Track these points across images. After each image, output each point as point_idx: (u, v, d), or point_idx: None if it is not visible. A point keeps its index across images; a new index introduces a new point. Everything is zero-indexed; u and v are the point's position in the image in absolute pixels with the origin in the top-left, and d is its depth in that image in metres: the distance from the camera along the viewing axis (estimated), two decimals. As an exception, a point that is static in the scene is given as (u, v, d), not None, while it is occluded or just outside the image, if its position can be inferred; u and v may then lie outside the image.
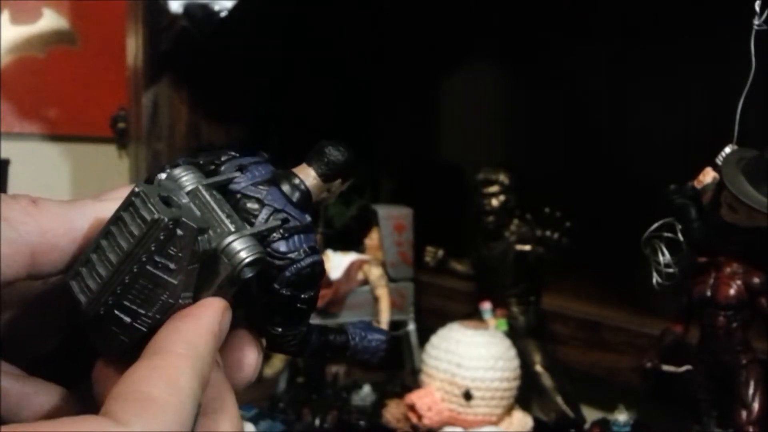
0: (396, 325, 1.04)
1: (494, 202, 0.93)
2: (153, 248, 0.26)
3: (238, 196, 0.29)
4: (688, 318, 0.70)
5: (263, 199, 0.29)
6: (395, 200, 1.14)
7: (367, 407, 0.93)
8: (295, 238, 0.29)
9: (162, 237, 0.26)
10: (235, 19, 1.17)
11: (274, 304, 0.29)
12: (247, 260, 0.27)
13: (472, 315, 0.96)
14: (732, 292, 0.64)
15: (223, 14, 1.15)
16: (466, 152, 1.16)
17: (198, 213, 0.27)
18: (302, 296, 0.30)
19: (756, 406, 0.63)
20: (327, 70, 1.32)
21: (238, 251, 0.27)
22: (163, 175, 0.29)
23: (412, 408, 0.84)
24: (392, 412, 0.87)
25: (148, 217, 0.26)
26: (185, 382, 0.25)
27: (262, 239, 0.28)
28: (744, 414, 0.63)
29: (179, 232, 0.26)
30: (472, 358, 0.83)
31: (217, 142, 1.28)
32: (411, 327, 1.06)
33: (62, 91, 1.79)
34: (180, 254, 0.26)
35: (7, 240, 0.26)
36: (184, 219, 0.26)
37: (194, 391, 0.25)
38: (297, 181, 0.30)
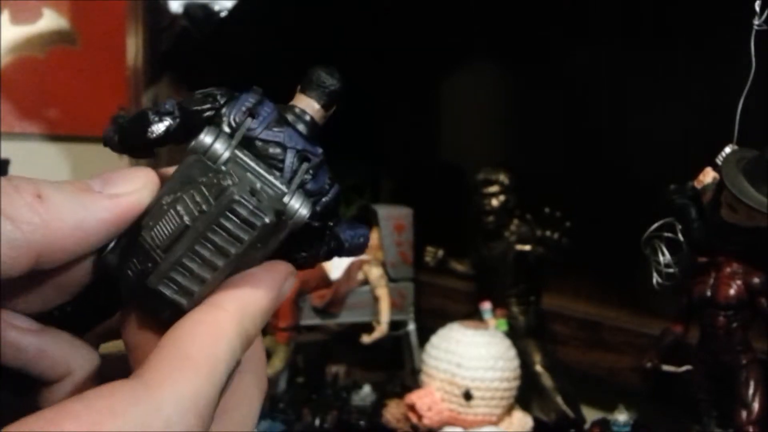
0: (396, 325, 1.04)
1: (494, 202, 0.93)
2: (255, 243, 0.27)
3: (258, 143, 0.28)
4: (688, 318, 0.70)
5: (284, 143, 0.29)
6: (395, 200, 1.14)
7: (367, 407, 0.93)
8: (319, 174, 0.29)
9: (265, 232, 0.27)
10: (235, 19, 1.17)
11: (302, 235, 0.29)
12: (308, 215, 0.28)
13: (472, 315, 0.96)
14: (732, 292, 0.64)
15: (223, 14, 1.16)
16: (466, 152, 1.16)
17: (272, 192, 0.27)
18: (329, 224, 0.30)
19: (756, 406, 0.63)
20: (327, 70, 1.31)
21: (297, 209, 0.28)
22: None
23: (412, 408, 0.84)
24: (392, 412, 0.87)
25: (258, 222, 0.26)
26: (226, 340, 0.25)
27: (301, 185, 0.29)
28: (744, 414, 0.63)
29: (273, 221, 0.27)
30: (472, 358, 0.83)
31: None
32: (411, 327, 1.06)
33: (62, 91, 1.79)
34: (268, 236, 0.27)
35: (10, 241, 0.24)
36: (277, 209, 0.27)
37: (234, 350, 0.25)
38: (302, 113, 0.30)
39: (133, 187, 0.27)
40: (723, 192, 0.61)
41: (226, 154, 0.27)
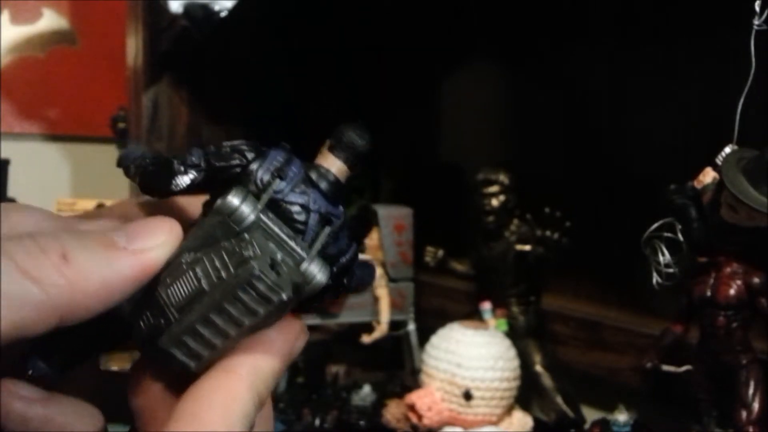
0: (396, 325, 1.04)
1: (494, 202, 0.93)
2: (271, 314, 0.27)
3: (283, 205, 0.28)
4: (688, 318, 0.70)
5: (308, 206, 0.28)
6: (395, 200, 1.14)
7: (367, 407, 0.93)
8: (340, 236, 0.29)
9: (282, 306, 0.26)
10: (235, 19, 1.17)
11: (317, 293, 0.29)
12: (325, 281, 0.28)
13: (472, 315, 0.96)
14: (732, 292, 0.64)
15: (223, 14, 1.16)
16: (466, 152, 1.16)
17: (292, 263, 0.27)
18: (344, 281, 0.30)
19: (756, 406, 0.63)
20: (327, 70, 1.31)
21: (315, 275, 0.28)
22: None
23: (412, 408, 0.84)
24: (392, 412, 0.87)
25: (275, 299, 0.26)
26: (241, 406, 0.26)
27: (322, 250, 0.29)
28: (744, 414, 0.63)
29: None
30: (472, 358, 0.83)
31: (217, 143, 1.28)
32: (411, 327, 1.06)
33: (62, 91, 1.79)
34: (284, 308, 0.27)
35: (36, 304, 0.24)
36: (296, 282, 0.27)
37: (249, 416, 0.26)
38: (327, 173, 0.29)
39: (157, 242, 0.27)
40: (723, 192, 0.61)
41: (251, 218, 0.27)
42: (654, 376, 0.72)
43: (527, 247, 0.91)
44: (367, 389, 0.96)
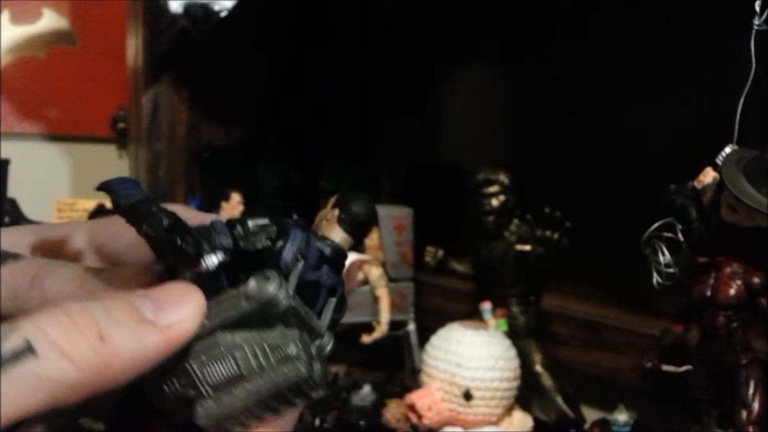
0: (396, 325, 1.04)
1: (494, 202, 0.93)
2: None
3: (303, 283, 0.29)
4: (688, 318, 0.70)
5: (321, 281, 0.29)
6: (395, 200, 1.14)
7: (367, 407, 0.93)
8: (340, 301, 0.31)
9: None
10: (235, 19, 1.17)
11: None
12: (332, 349, 0.29)
13: (472, 315, 0.96)
14: (732, 292, 0.64)
15: (223, 14, 1.16)
16: (466, 152, 1.16)
17: (322, 356, 0.29)
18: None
19: (756, 406, 0.63)
20: (327, 70, 1.31)
21: (327, 347, 0.29)
22: (252, 286, 0.28)
23: (412, 408, 0.84)
24: (392, 412, 0.87)
25: (315, 395, 0.27)
26: None
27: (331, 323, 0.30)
28: (744, 414, 0.63)
29: None
30: (472, 358, 0.83)
31: (217, 143, 1.28)
32: (411, 327, 1.06)
33: (62, 91, 1.79)
34: None
35: (69, 382, 0.24)
36: (325, 372, 0.28)
37: None
38: (333, 244, 0.30)
39: (184, 314, 0.27)
40: (723, 192, 0.61)
41: (286, 305, 0.27)
42: (654, 376, 0.72)
43: (527, 247, 0.91)
44: (367, 389, 0.96)
